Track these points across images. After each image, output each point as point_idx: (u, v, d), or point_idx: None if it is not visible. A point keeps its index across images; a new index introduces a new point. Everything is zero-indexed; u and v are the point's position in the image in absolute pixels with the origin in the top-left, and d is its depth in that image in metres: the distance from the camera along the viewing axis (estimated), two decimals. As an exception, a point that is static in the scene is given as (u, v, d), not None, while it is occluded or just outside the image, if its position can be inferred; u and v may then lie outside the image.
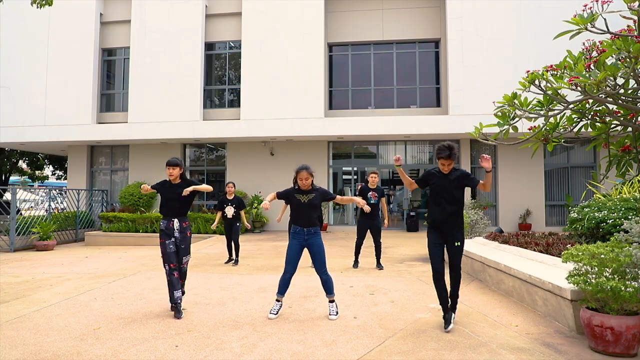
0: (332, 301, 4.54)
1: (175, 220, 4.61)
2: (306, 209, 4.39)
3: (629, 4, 4.99)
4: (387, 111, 14.37)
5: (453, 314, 4.09)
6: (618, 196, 6.06)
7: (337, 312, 4.50)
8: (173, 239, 4.60)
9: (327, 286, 4.49)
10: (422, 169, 15.13)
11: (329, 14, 14.57)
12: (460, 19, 13.22)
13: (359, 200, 4.66)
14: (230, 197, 7.78)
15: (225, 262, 7.92)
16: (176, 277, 4.54)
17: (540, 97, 5.99)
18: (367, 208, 4.73)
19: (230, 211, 7.69)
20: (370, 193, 6.97)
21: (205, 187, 4.72)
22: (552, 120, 6.25)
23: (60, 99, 14.87)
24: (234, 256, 7.92)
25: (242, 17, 14.25)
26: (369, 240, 7.32)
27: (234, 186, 7.90)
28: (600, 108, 6.28)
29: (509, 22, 13.07)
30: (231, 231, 7.80)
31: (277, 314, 4.51)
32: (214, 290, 5.78)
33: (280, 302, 4.57)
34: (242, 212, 7.85)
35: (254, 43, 14.09)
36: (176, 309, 4.49)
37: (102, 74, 15.72)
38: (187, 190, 4.55)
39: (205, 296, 5.38)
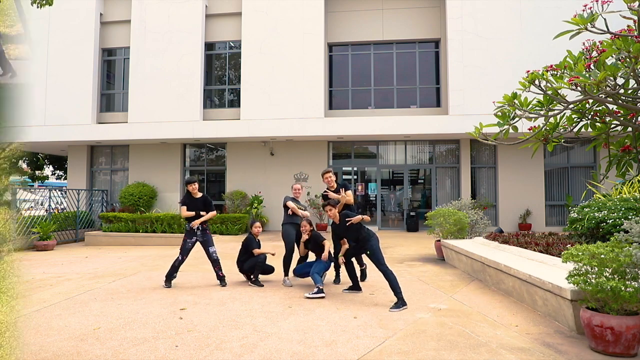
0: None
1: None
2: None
3: (629, 4, 4.98)
4: (387, 111, 14.36)
5: None
6: (618, 196, 6.06)
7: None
8: (195, 238, 6.01)
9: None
10: (422, 169, 15.13)
11: (329, 14, 14.57)
12: (460, 19, 13.22)
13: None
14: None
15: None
16: (176, 265, 6.03)
17: (540, 97, 5.99)
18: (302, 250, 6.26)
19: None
20: None
21: (212, 214, 6.12)
22: (552, 120, 6.25)
23: (60, 99, 14.86)
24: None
25: (242, 17, 14.25)
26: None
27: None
28: (600, 108, 6.28)
29: (509, 22, 13.07)
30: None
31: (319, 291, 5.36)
32: (214, 290, 5.79)
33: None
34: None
35: (254, 43, 14.09)
36: (168, 280, 6.04)
37: (102, 74, 15.71)
38: (195, 223, 5.99)
39: (205, 296, 5.38)
